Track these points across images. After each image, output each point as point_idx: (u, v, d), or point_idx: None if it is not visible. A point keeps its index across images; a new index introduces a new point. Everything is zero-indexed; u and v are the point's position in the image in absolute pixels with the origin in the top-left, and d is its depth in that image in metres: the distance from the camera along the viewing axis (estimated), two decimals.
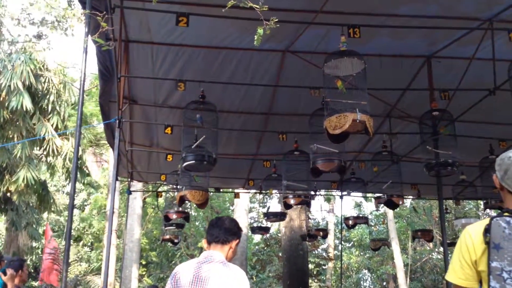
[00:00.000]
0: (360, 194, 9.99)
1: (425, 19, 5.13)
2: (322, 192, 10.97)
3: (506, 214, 2.05)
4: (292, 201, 6.75)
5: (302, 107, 7.01)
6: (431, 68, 6.18)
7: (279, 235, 18.70)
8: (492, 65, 5.39)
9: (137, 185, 13.56)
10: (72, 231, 21.68)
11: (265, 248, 22.47)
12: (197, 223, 23.43)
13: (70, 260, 19.21)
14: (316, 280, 23.11)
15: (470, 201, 19.70)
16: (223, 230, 3.27)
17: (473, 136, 7.00)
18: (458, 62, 6.11)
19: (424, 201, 19.94)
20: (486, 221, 2.06)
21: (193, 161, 5.45)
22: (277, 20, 3.13)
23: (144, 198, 18.34)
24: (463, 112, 6.03)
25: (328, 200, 21.54)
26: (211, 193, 15.92)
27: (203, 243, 3.35)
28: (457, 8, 5.00)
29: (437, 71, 6.20)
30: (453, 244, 8.99)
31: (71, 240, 20.28)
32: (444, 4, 4.93)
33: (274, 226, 22.17)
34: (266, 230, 10.44)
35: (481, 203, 10.16)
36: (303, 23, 5.03)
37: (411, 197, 10.85)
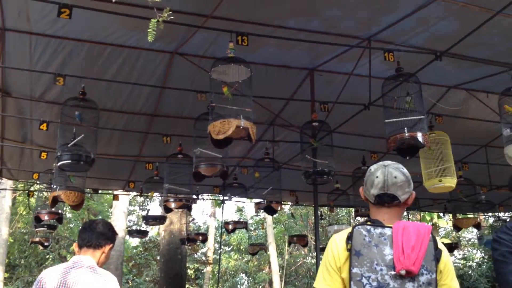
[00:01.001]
0: (242, 198, 10.14)
1: (310, 33, 5.34)
2: (205, 196, 10.97)
3: (368, 223, 2.18)
4: (173, 205, 6.67)
5: (188, 111, 6.98)
6: (314, 80, 6.44)
7: (159, 238, 18.41)
8: (368, 82, 5.75)
9: (6, 183, 12.63)
10: None
11: (143, 251, 21.98)
12: (72, 225, 22.32)
13: None
14: (194, 284, 23.02)
15: (343, 209, 20.81)
16: (96, 234, 3.13)
17: (348, 147, 7.42)
18: (338, 77, 6.45)
19: (302, 207, 20.73)
20: (350, 229, 2.17)
21: (69, 161, 5.18)
22: (171, 11, 3.06)
23: (14, 197, 17.14)
24: (340, 124, 6.36)
25: (218, 205, 21.57)
26: (89, 194, 15.27)
27: (74, 246, 3.18)
28: (339, 26, 5.27)
29: (319, 84, 6.48)
30: (323, 249, 9.43)
31: None
32: (327, 20, 5.16)
33: (154, 230, 21.77)
34: (144, 233, 10.24)
35: (353, 210, 10.78)
36: (193, 26, 5.00)
37: (289, 203, 11.22)
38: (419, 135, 4.70)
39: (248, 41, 4.25)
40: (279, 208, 7.44)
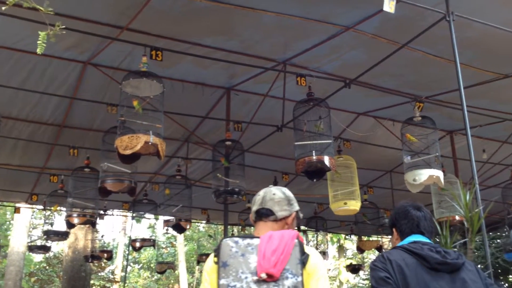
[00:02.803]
0: (152, 216, 9.91)
1: (227, 53, 5.38)
2: (115, 212, 10.62)
3: (237, 235, 2.22)
4: (76, 220, 6.39)
5: (99, 123, 6.77)
6: (230, 99, 6.46)
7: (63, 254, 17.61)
8: (282, 104, 5.86)
9: None
10: None
11: (47, 267, 20.90)
12: None
13: None
14: None
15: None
16: None
17: (260, 168, 7.49)
18: (254, 97, 6.52)
19: (215, 226, 20.63)
20: None
21: None
22: (64, 27, 2.96)
23: None
24: (253, 144, 6.42)
25: (138, 220, 20.87)
26: None
27: None
28: (256, 48, 5.35)
29: (235, 103, 6.51)
30: None
31: None
32: (244, 41, 5.23)
33: (60, 245, 20.79)
34: (46, 249, 9.69)
35: None
36: (106, 37, 4.88)
37: (203, 221, 11.11)
38: (326, 159, 4.84)
39: (162, 56, 4.21)
40: (188, 227, 7.34)
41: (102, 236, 11.59)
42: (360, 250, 9.50)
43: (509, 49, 4.96)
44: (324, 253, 11.00)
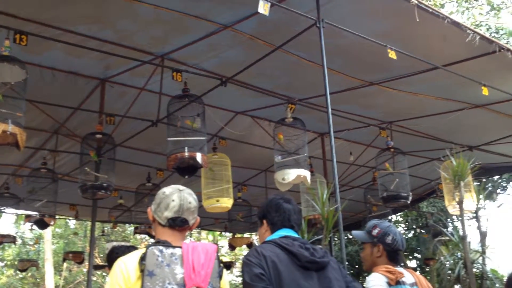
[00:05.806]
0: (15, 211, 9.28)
1: (102, 42, 5.16)
2: None
3: (158, 244, 2.18)
4: None
5: None
6: (105, 91, 6.21)
7: None
8: (158, 99, 5.76)
9: None
10: None
11: None
12: None
13: None
14: None
15: (132, 226, 20.42)
16: None
17: (133, 163, 7.30)
18: (131, 91, 6.33)
19: (86, 223, 19.84)
20: (143, 250, 2.16)
21: None
22: None
23: None
24: (127, 139, 6.23)
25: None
26: None
27: None
28: (132, 39, 5.19)
29: (111, 96, 6.26)
30: (103, 266, 9.12)
31: None
32: (120, 32, 5.05)
33: None
34: None
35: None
36: None
37: (71, 218, 10.61)
38: (199, 156, 4.83)
39: (27, 41, 3.94)
40: (52, 223, 6.95)
41: None
42: (232, 247, 9.64)
43: (374, 58, 5.27)
44: None
